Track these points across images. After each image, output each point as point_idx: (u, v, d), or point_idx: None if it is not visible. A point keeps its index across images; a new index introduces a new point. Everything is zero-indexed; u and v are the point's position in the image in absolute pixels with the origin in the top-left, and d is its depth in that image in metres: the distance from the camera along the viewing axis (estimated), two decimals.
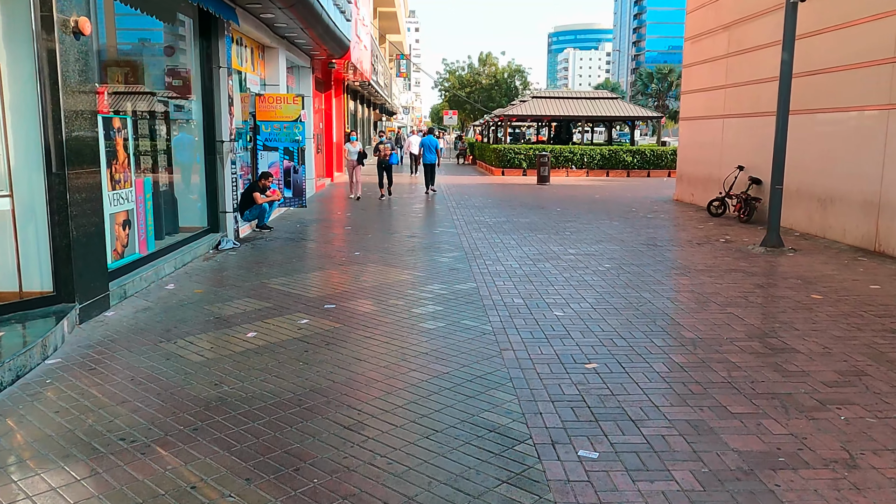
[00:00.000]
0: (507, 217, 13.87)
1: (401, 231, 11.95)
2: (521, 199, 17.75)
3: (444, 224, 12.84)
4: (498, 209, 15.27)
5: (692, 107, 16.59)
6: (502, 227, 12.45)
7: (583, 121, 28.03)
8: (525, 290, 7.40)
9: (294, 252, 9.72)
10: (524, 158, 26.11)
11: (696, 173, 16.32)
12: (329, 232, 11.83)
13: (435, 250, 9.97)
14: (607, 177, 26.31)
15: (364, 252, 9.73)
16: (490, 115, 37.95)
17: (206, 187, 10.10)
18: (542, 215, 14.19)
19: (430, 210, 15.26)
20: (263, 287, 7.48)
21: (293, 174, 13.61)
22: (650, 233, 11.85)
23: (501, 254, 9.70)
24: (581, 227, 12.40)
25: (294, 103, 13.47)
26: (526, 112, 27.14)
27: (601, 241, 10.82)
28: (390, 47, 49.92)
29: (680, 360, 5.16)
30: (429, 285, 7.63)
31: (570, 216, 14.07)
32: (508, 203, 16.60)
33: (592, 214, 14.33)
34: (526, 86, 66.19)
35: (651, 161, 26.52)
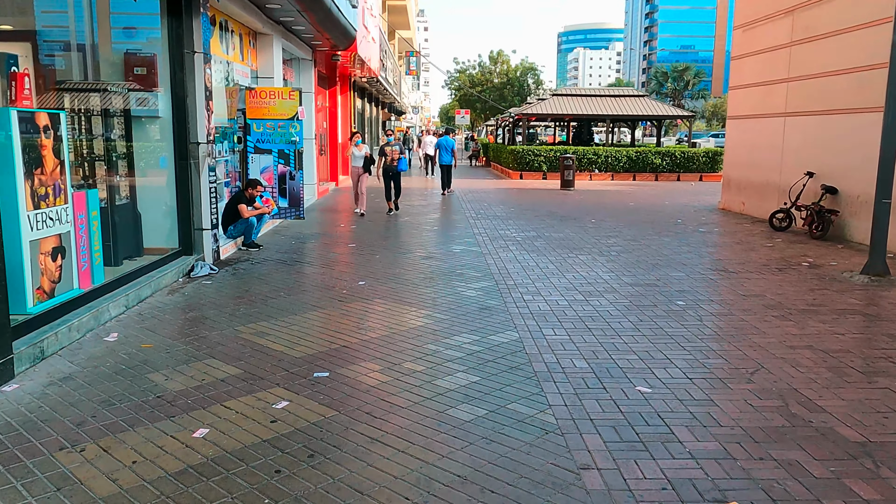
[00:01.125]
0: (537, 230, 11.96)
1: (414, 250, 10.07)
2: (546, 206, 15.83)
3: (464, 239, 10.95)
4: (524, 220, 13.37)
5: (743, 104, 14.63)
6: (533, 244, 10.55)
7: (607, 120, 26.10)
8: (586, 346, 5.49)
9: (284, 280, 7.85)
10: (544, 161, 24.18)
11: (748, 179, 14.36)
12: (329, 251, 9.95)
13: (457, 277, 8.08)
14: (634, 181, 24.36)
15: (371, 281, 7.86)
16: (504, 114, 36.05)
17: (178, 200, 8.24)
18: (577, 228, 12.28)
19: (447, 221, 13.36)
20: (236, 339, 5.61)
21: (289, 180, 11.75)
22: (712, 253, 9.91)
23: (541, 283, 7.80)
24: (627, 245, 10.48)
25: (290, 98, 11.61)
26: (545, 111, 25.23)
27: (659, 266, 8.90)
28: (400, 44, 48.06)
29: (865, 492, 3.26)
30: (455, 336, 5.73)
31: (609, 229, 12.15)
32: (534, 212, 14.69)
33: (636, 228, 12.40)
34: (539, 84, 64.30)
35: (681, 164, 24.54)
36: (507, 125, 33.68)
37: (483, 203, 16.55)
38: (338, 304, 6.78)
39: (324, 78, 20.11)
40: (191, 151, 8.26)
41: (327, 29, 13.45)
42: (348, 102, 23.44)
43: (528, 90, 62.55)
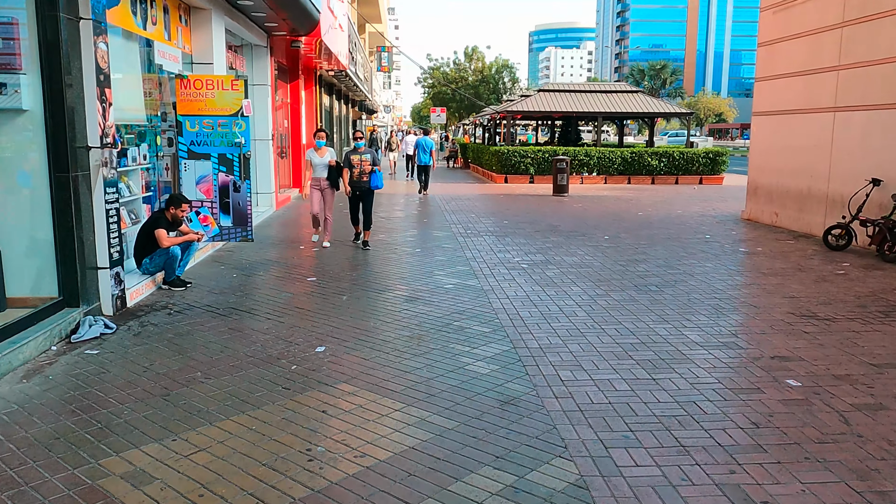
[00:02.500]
0: (543, 252, 9.67)
1: (393, 285, 7.70)
2: (544, 218, 13.56)
3: (455, 267, 8.62)
4: (523, 237, 11.07)
5: (774, 97, 12.50)
6: (544, 273, 8.26)
7: (599, 118, 23.97)
8: (694, 489, 3.19)
9: (208, 346, 5.44)
10: (532, 163, 21.94)
11: (782, 187, 12.23)
12: (280, 290, 7.53)
13: (456, 335, 5.74)
14: (629, 184, 22.24)
15: (334, 342, 5.49)
16: (482, 112, 33.79)
17: (57, 228, 5.77)
18: (591, 248, 10.02)
19: (432, 240, 11.01)
20: (90, 496, 3.20)
21: (233, 193, 9.29)
22: (778, 286, 7.70)
23: (576, 344, 5.50)
24: (664, 275, 8.23)
25: (234, 90, 9.18)
26: (532, 108, 23.01)
27: (722, 309, 6.65)
28: (371, 38, 45.56)
29: None
30: (472, 472, 3.40)
31: (630, 249, 9.92)
32: (531, 225, 12.41)
33: (661, 247, 10.18)
34: (515, 82, 62.24)
35: (680, 166, 22.48)
36: (486, 124, 31.42)
37: (470, 214, 14.22)
38: (280, 399, 4.39)
39: (284, 70, 17.63)
40: (78, 160, 5.79)
41: (283, 6, 11.02)
42: (314, 98, 20.97)
43: (504, 88, 60.46)
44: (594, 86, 25.33)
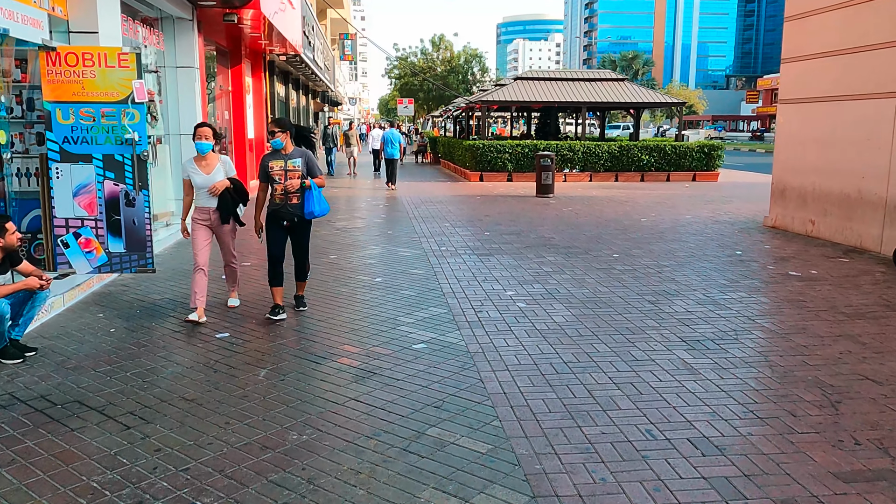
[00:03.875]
0: (543, 281, 7.40)
1: (338, 347, 5.36)
2: (532, 227, 11.29)
3: (429, 311, 6.29)
4: (513, 256, 8.78)
5: (809, 81, 10.40)
6: (553, 319, 5.98)
7: (583, 109, 21.76)
8: None
9: None
10: (510, 159, 19.66)
11: (820, 189, 10.14)
12: (170, 360, 5.13)
13: (433, 462, 3.43)
14: (617, 181, 20.11)
15: (223, 490, 3.13)
16: (452, 104, 31.44)
17: None
18: (601, 272, 7.77)
19: (397, 264, 8.65)
20: None
21: (125, 208, 6.81)
22: (883, 338, 5.52)
23: (638, 483, 3.21)
24: (717, 321, 6.00)
25: (121, 66, 6.75)
26: (508, 98, 20.73)
27: (842, 393, 4.43)
28: (333, 25, 42.85)
29: None
30: None
31: (652, 274, 7.69)
32: (520, 238, 10.13)
33: (689, 270, 7.97)
34: (485, 72, 59.94)
35: (672, 161, 20.41)
36: (458, 116, 29.08)
37: (444, 222, 11.89)
38: None
39: (224, 53, 15.10)
40: None
41: None
42: (263, 87, 18.42)
43: (474, 78, 58.12)
44: (576, 73, 23.14)
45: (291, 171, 5.92)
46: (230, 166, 6.18)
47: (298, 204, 5.98)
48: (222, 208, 6.03)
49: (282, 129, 5.89)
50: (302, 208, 5.99)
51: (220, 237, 6.24)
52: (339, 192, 17.09)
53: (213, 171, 6.02)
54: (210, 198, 6.03)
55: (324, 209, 6.03)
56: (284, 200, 5.95)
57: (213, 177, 5.98)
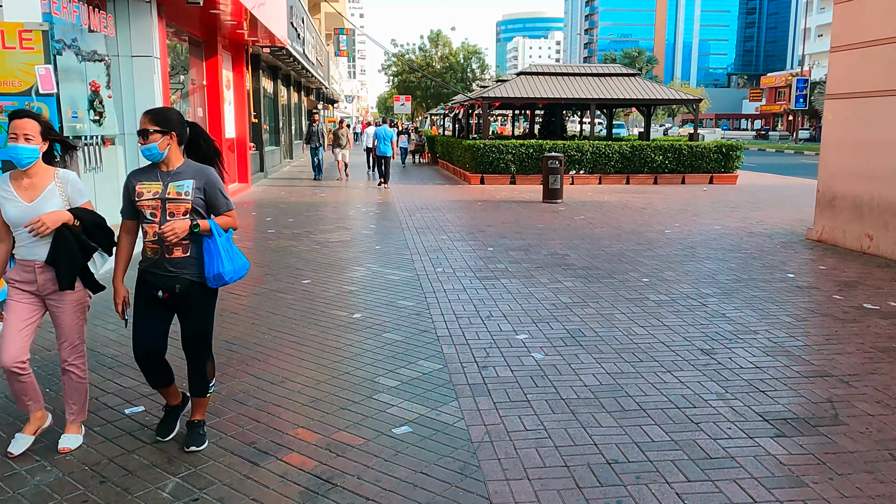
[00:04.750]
0: (562, 317, 5.93)
1: (291, 437, 3.90)
2: (542, 241, 9.82)
3: (419, 366, 4.82)
4: (523, 280, 7.31)
5: (865, 72, 8.92)
6: (583, 381, 4.51)
7: (592, 105, 20.26)
8: None
9: None
10: (513, 160, 18.18)
11: (881, 199, 8.67)
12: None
13: None
14: (628, 184, 18.64)
15: None
16: (451, 101, 29.96)
17: None
18: (633, 305, 6.31)
19: (384, 291, 7.16)
20: None
21: None
22: None
23: None
24: (803, 384, 4.54)
25: (24, 48, 5.34)
26: (512, 94, 19.24)
27: None
28: (328, 20, 41.38)
29: None
30: None
31: (696, 307, 6.23)
32: (529, 255, 8.66)
33: (740, 301, 6.49)
34: (484, 69, 58.45)
35: (687, 162, 18.93)
36: (458, 114, 27.60)
37: (441, 234, 10.41)
38: None
39: (197, 43, 13.62)
40: None
41: None
42: (244, 82, 16.93)
43: (473, 76, 56.61)
44: (584, 68, 21.65)
45: (174, 202, 3.35)
46: (77, 188, 3.51)
47: (185, 261, 3.41)
48: (59, 263, 3.40)
49: (160, 126, 3.30)
50: (192, 268, 3.43)
51: (56, 316, 3.51)
52: (326, 197, 15.62)
53: (41, 196, 3.39)
54: (36, 243, 3.38)
55: (237, 269, 3.52)
56: (160, 253, 3.39)
57: (39, 206, 3.36)
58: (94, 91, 8.32)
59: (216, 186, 3.50)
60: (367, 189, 17.72)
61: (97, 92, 8.38)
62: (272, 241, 9.70)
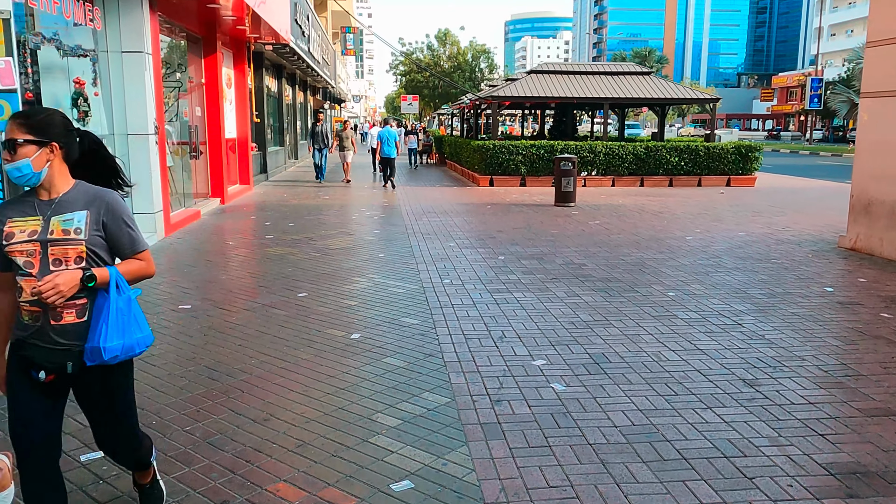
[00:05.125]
0: (583, 339, 5.33)
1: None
2: (556, 248, 9.23)
3: (431, 422, 4.24)
4: (537, 294, 6.71)
5: None
6: (612, 421, 3.91)
7: (606, 105, 19.62)
8: None
9: None
10: (524, 161, 17.58)
11: None
12: None
13: None
14: (642, 187, 18.00)
15: None
16: (459, 100, 29.38)
17: None
18: (659, 323, 5.71)
19: (388, 307, 6.58)
20: None
21: None
22: None
23: None
24: (867, 426, 3.92)
25: None
26: (522, 93, 18.64)
27: None
28: (335, 18, 40.84)
29: None
30: None
31: (730, 325, 5.62)
32: (543, 263, 8.06)
33: (778, 321, 5.87)
34: (493, 69, 57.86)
35: (704, 163, 18.29)
36: (466, 114, 27.02)
37: (449, 241, 9.83)
38: None
39: (195, 40, 13.08)
40: None
41: None
42: (246, 80, 16.39)
43: (482, 75, 56.00)
44: (596, 66, 21.00)
45: (61, 245, 2.34)
46: None
47: (78, 329, 2.40)
48: None
49: (35, 135, 2.32)
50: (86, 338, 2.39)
51: None
52: (329, 199, 15.06)
53: None
54: None
55: (128, 346, 2.42)
56: (42, 319, 2.37)
57: None
58: (78, 89, 7.78)
59: (121, 218, 2.44)
60: (372, 191, 17.16)
61: (81, 89, 7.84)
62: (269, 248, 9.13)
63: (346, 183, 18.74)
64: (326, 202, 14.53)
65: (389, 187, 17.57)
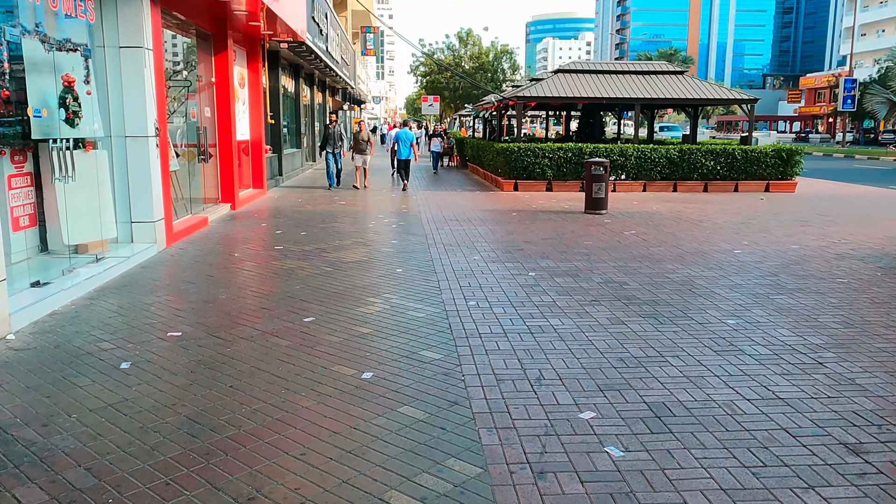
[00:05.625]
0: (636, 383, 4.48)
1: None
2: (591, 262, 8.36)
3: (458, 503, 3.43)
4: (576, 319, 5.86)
5: None
6: None
7: (637, 105, 18.66)
8: None
9: None
10: (550, 165, 16.70)
11: None
12: None
13: None
14: (675, 192, 17.04)
15: None
16: (482, 101, 28.54)
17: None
18: (725, 360, 4.84)
19: (404, 341, 5.76)
20: None
21: None
22: None
23: None
24: None
25: None
26: (549, 93, 17.75)
27: None
28: (354, 18, 40.22)
29: None
30: None
31: (811, 369, 4.73)
32: (578, 282, 7.21)
33: (868, 359, 4.96)
34: (515, 69, 56.96)
35: (741, 168, 17.28)
36: (488, 115, 26.17)
37: (472, 254, 8.99)
38: None
39: (204, 36, 12.38)
40: None
41: None
42: (260, 80, 15.69)
43: (503, 76, 55.09)
44: (627, 65, 20.04)
45: None
46: None
47: None
48: None
49: None
50: None
51: None
52: (345, 206, 14.30)
53: None
54: None
55: None
56: None
57: None
58: (66, 86, 7.05)
59: None
60: (391, 196, 16.36)
61: (71, 87, 7.11)
62: (277, 262, 8.36)
63: (363, 188, 17.73)
64: (342, 208, 13.76)
65: (404, 188, 17.48)
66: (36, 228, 7.65)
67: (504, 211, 13.42)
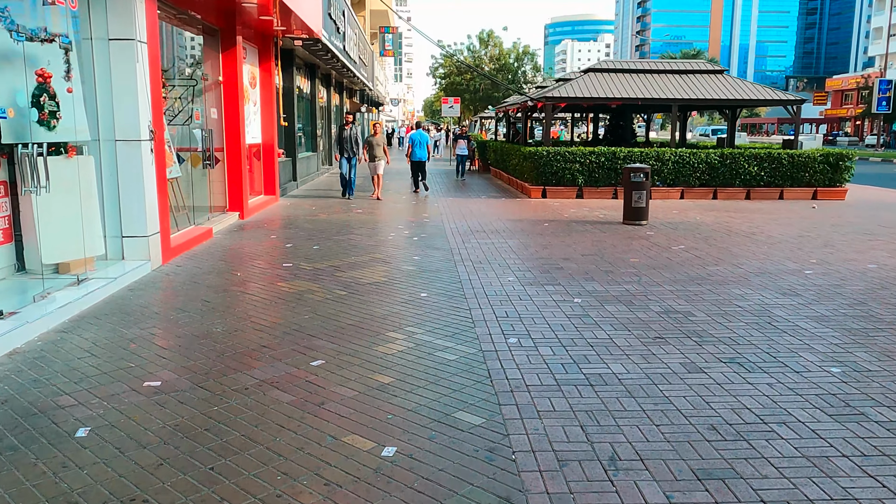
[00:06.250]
0: (738, 467, 3.39)
1: None
2: (641, 284, 7.27)
3: None
4: (641, 362, 4.79)
5: None
6: None
7: (674, 106, 17.47)
8: None
9: None
10: (581, 170, 15.59)
11: None
12: None
13: None
14: (715, 199, 15.86)
15: None
16: (504, 103, 27.45)
17: None
18: (849, 433, 3.75)
19: (433, 405, 4.72)
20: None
21: None
22: None
23: None
24: None
25: None
26: (580, 94, 16.63)
27: None
28: (373, 18, 39.32)
29: None
30: None
31: None
32: (633, 311, 6.14)
33: None
34: (537, 71, 55.72)
35: (787, 174, 16.06)
36: (512, 118, 25.07)
37: (507, 273, 7.92)
38: None
39: (212, 32, 11.43)
40: None
41: None
42: (273, 80, 14.73)
43: (524, 77, 53.91)
44: (662, 64, 18.86)
45: None
46: None
47: None
48: None
49: None
50: None
51: None
52: (362, 214, 13.28)
53: None
54: None
55: None
56: None
57: None
58: (41, 82, 6.09)
59: None
60: (410, 204, 15.33)
61: (46, 84, 6.15)
62: (285, 283, 7.34)
63: (377, 199, 16.17)
64: (358, 217, 12.74)
65: (423, 191, 17.29)
66: (11, 245, 6.72)
67: (534, 221, 12.34)
